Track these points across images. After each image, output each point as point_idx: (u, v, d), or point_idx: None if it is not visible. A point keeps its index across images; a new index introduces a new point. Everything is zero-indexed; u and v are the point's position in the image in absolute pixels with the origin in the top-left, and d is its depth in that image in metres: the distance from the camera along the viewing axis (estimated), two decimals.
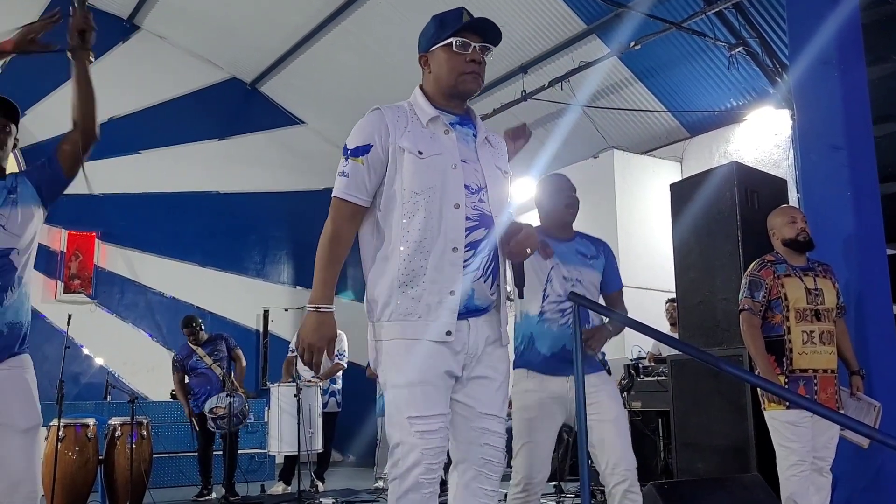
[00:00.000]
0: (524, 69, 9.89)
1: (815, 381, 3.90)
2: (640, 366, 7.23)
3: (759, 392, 4.05)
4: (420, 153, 2.36)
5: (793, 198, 7.35)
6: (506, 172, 2.55)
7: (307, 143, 13.18)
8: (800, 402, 3.63)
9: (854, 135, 5.13)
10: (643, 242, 9.50)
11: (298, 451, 7.01)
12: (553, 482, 7.40)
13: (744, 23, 8.28)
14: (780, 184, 5.90)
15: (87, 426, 7.10)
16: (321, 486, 7.87)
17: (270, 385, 7.88)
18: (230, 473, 7.31)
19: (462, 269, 2.32)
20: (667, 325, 7.71)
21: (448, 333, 2.30)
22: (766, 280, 3.99)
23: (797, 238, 4.06)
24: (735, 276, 5.14)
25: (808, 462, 3.85)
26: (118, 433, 7.17)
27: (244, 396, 7.31)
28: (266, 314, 12.32)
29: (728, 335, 5.17)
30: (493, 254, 2.40)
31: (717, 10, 8.03)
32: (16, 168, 10.62)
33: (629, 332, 8.61)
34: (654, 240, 9.33)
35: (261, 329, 12.30)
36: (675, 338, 5.63)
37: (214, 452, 7.63)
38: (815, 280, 4.02)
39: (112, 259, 11.40)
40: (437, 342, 2.30)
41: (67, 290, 10.88)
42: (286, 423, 7.25)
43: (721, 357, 4.23)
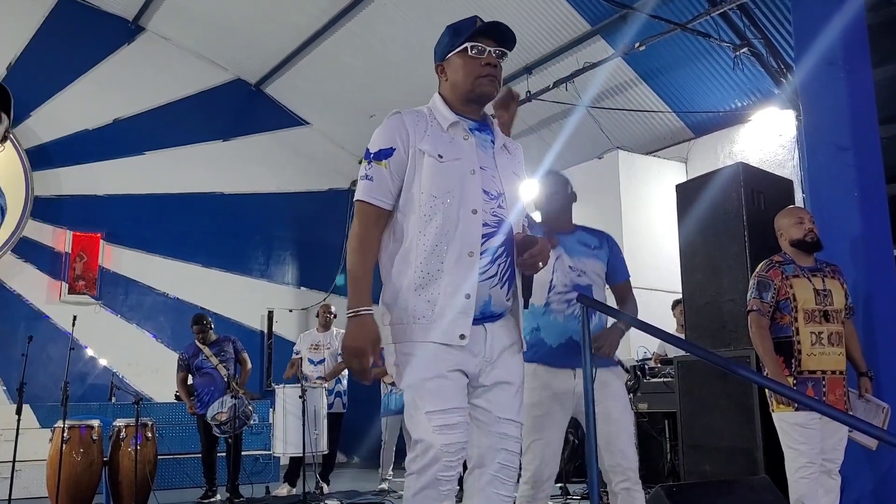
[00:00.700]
0: (529, 70, 9.89)
1: (824, 383, 3.89)
2: (647, 367, 7.21)
3: (767, 393, 4.04)
4: (440, 157, 2.37)
5: (798, 198, 7.34)
6: (521, 178, 2.58)
7: (312, 145, 13.17)
8: (809, 404, 3.62)
9: (860, 135, 5.13)
10: (648, 243, 9.49)
11: (303, 453, 7.02)
12: (559, 483, 7.39)
13: (748, 24, 8.26)
14: (786, 184, 5.89)
15: (92, 428, 7.12)
16: (326, 488, 7.88)
17: (275, 386, 7.88)
18: (234, 475, 7.31)
19: (477, 273, 2.32)
20: (674, 326, 7.68)
21: (462, 337, 2.30)
22: (775, 281, 3.98)
23: (805, 239, 4.05)
24: (742, 277, 5.14)
25: (817, 464, 3.84)
26: (123, 435, 7.18)
27: (245, 398, 7.29)
28: (271, 315, 12.31)
29: (735, 336, 5.16)
30: (510, 260, 2.41)
31: (722, 11, 8.01)
32: (17, 161, 10.44)
33: (635, 333, 8.60)
34: (660, 240, 9.32)
35: (265, 330, 12.29)
36: (683, 339, 5.62)
37: (218, 454, 7.63)
38: (824, 281, 4.01)
39: (117, 260, 11.39)
40: (451, 346, 2.30)
41: (72, 291, 10.88)
42: (291, 425, 7.25)
43: (728, 358, 4.24)
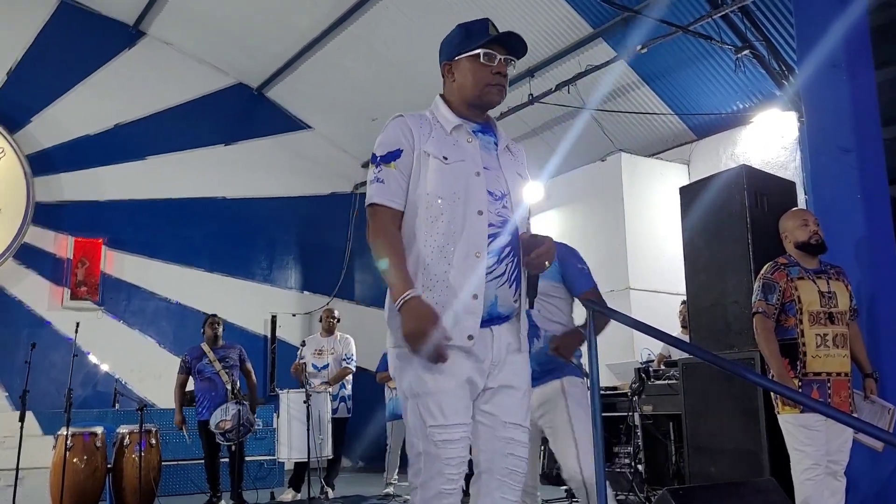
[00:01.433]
0: (531, 73, 9.89)
1: (829, 385, 3.89)
2: (651, 369, 7.20)
3: (773, 395, 4.04)
4: (445, 158, 2.37)
5: (801, 200, 7.34)
6: (525, 179, 2.58)
7: (314, 148, 13.16)
8: (814, 406, 3.61)
9: (863, 137, 5.13)
10: (651, 245, 9.49)
11: (308, 458, 7.01)
12: (564, 487, 7.38)
13: (749, 26, 8.27)
14: (789, 186, 5.89)
15: (96, 434, 7.12)
16: (331, 493, 7.87)
17: (279, 391, 7.87)
18: (238, 482, 7.29)
19: (484, 275, 2.32)
20: (678, 327, 7.68)
21: (470, 338, 2.29)
22: (780, 283, 3.98)
23: (810, 241, 4.05)
24: (746, 279, 5.14)
25: (823, 466, 3.84)
26: (126, 441, 7.18)
27: (248, 405, 7.25)
28: (274, 320, 12.30)
29: (740, 338, 5.15)
30: (517, 260, 2.41)
31: (724, 14, 8.02)
32: (18, 167, 10.48)
33: (639, 335, 8.62)
34: (662, 242, 9.32)
35: (269, 335, 12.27)
36: (687, 341, 5.61)
37: (221, 460, 7.61)
38: (829, 283, 4.01)
39: (119, 265, 11.39)
40: (459, 347, 2.29)
41: (74, 297, 10.88)
42: (295, 430, 7.25)
43: (733, 361, 4.24)
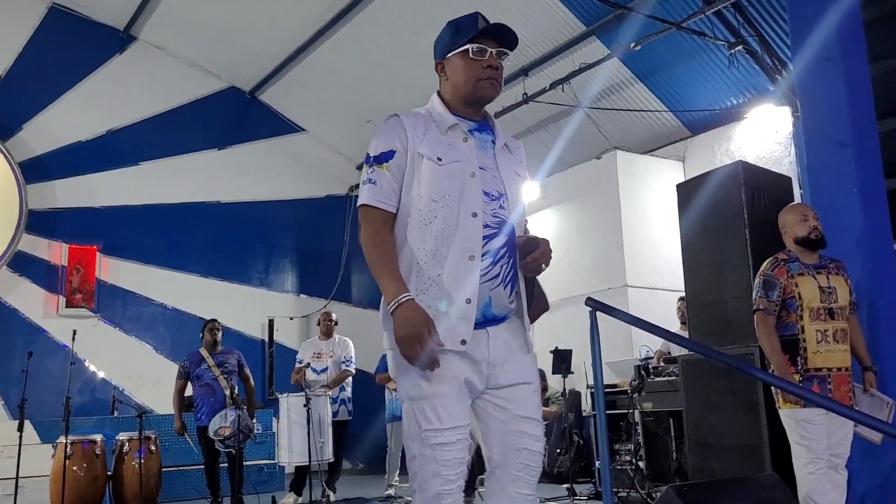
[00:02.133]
0: (525, 72, 9.88)
1: (830, 380, 3.90)
2: (651, 366, 7.21)
3: (774, 390, 4.04)
4: (439, 160, 2.34)
5: (796, 195, 7.35)
6: (523, 178, 2.54)
7: (308, 151, 13.14)
8: (815, 400, 3.63)
9: (859, 131, 5.13)
10: (648, 242, 9.51)
11: (309, 461, 6.99)
12: (565, 485, 7.39)
13: (743, 22, 8.28)
14: (786, 181, 5.90)
15: (95, 442, 7.11)
16: (333, 496, 7.85)
17: (279, 395, 7.86)
18: (238, 487, 7.27)
19: (478, 278, 2.29)
20: (677, 324, 7.69)
21: (463, 342, 2.27)
22: (780, 279, 3.98)
23: (809, 236, 4.06)
24: (745, 275, 5.15)
25: (825, 460, 3.85)
26: (126, 448, 7.16)
27: (246, 411, 7.23)
28: (271, 323, 12.27)
29: (739, 334, 5.16)
30: (512, 262, 2.39)
31: (716, 10, 8.02)
32: (11, 175, 10.51)
33: (637, 332, 8.62)
34: (659, 239, 9.34)
35: (266, 339, 12.25)
36: (688, 338, 5.62)
37: (221, 465, 7.58)
38: (828, 278, 4.01)
39: (114, 272, 11.35)
40: (452, 351, 2.27)
41: (69, 305, 10.84)
42: (296, 433, 7.22)
43: (735, 357, 4.24)
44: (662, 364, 7.30)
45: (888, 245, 5.02)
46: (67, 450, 6.77)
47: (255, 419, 7.36)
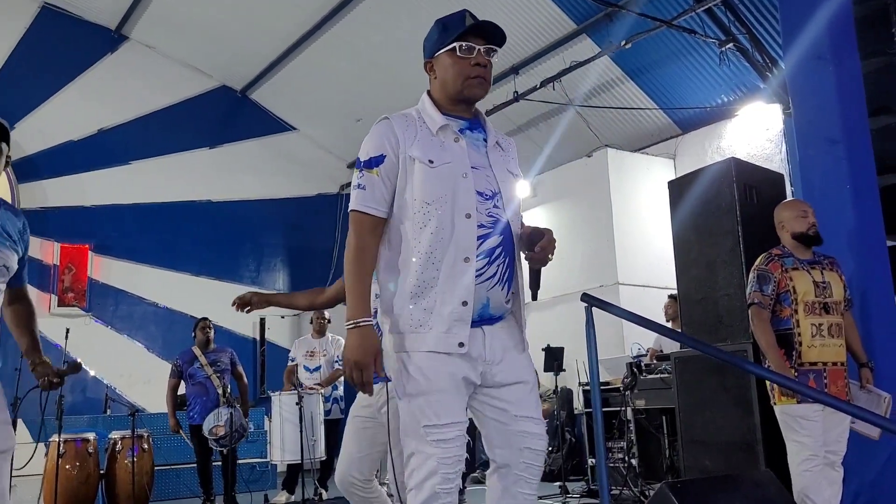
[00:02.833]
0: (515, 70, 9.89)
1: (825, 374, 3.92)
2: (643, 364, 7.23)
3: (769, 386, 4.05)
4: (430, 162, 2.32)
5: (788, 192, 7.38)
6: (516, 175, 2.53)
7: (299, 150, 13.13)
8: (813, 395, 3.63)
9: (850, 128, 5.16)
10: (639, 240, 9.53)
11: (301, 460, 6.99)
12: (557, 482, 7.40)
13: (733, 19, 8.30)
14: (778, 178, 5.91)
15: (88, 441, 7.08)
16: (325, 494, 7.84)
17: (271, 394, 7.84)
18: (230, 485, 7.26)
19: (474, 280, 2.28)
20: (664, 322, 7.71)
21: (461, 345, 2.27)
22: (775, 274, 3.99)
23: (808, 232, 4.07)
24: (737, 272, 5.16)
25: (821, 456, 3.86)
26: (119, 447, 7.14)
27: (241, 410, 7.22)
28: (263, 322, 12.25)
29: (731, 331, 5.17)
30: (508, 261, 2.38)
31: (707, 8, 8.04)
32: (2, 174, 10.46)
33: (629, 330, 8.65)
34: (650, 237, 9.36)
35: (258, 337, 12.24)
36: (689, 336, 5.63)
37: (214, 463, 7.56)
38: (822, 273, 4.03)
39: (106, 271, 11.32)
40: (451, 354, 2.27)
41: (61, 304, 10.80)
42: (288, 432, 7.20)
43: (732, 353, 4.25)
44: (654, 362, 7.32)
45: (880, 241, 5.04)
46: (60, 448, 6.75)
47: (248, 418, 7.34)
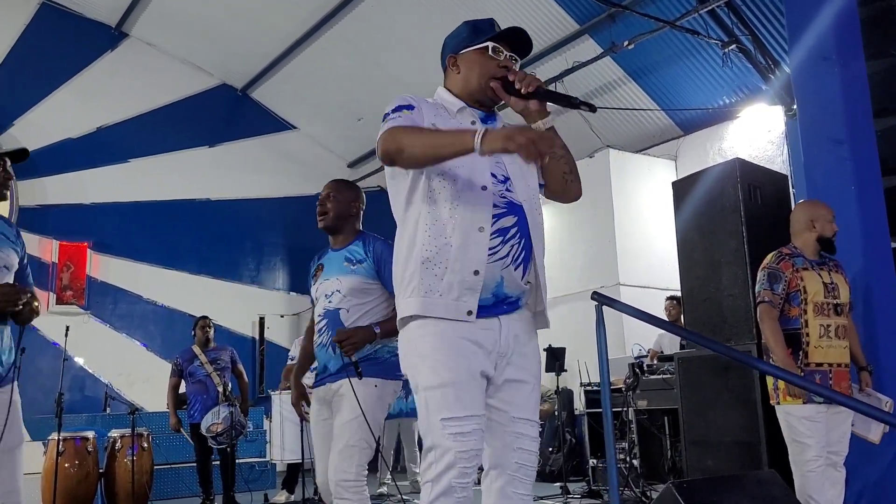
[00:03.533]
0: None
1: (830, 375, 3.91)
2: (645, 364, 7.22)
3: (771, 387, 4.04)
4: None
5: (790, 194, 7.38)
6: (532, 171, 2.52)
7: (300, 149, 13.13)
8: (823, 393, 3.63)
9: (855, 129, 5.15)
10: (641, 241, 9.52)
11: (302, 459, 6.97)
12: (558, 483, 7.39)
13: (736, 21, 8.30)
14: (782, 180, 5.92)
15: (87, 439, 7.05)
16: None
17: (271, 393, 7.82)
18: (229, 485, 7.24)
19: (486, 250, 2.27)
20: None
21: (469, 313, 2.26)
22: (786, 273, 3.97)
23: (832, 237, 4.07)
24: (741, 272, 5.15)
25: (824, 457, 3.85)
26: (118, 445, 7.11)
27: (239, 408, 7.20)
28: (262, 321, 12.24)
29: (735, 331, 5.16)
30: (524, 243, 2.36)
31: (710, 9, 8.05)
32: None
33: (630, 331, 8.64)
34: (652, 238, 9.36)
35: (257, 336, 12.23)
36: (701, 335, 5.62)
37: (214, 462, 7.54)
38: (830, 274, 4.02)
39: (104, 269, 11.31)
40: (458, 321, 2.25)
41: (60, 302, 10.78)
42: (288, 431, 7.20)
43: (743, 352, 4.24)
44: (656, 362, 7.31)
45: (885, 243, 5.03)
46: (59, 447, 6.72)
47: (247, 417, 7.32)
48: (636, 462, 7.02)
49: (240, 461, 7.82)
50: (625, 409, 6.97)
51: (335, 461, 3.32)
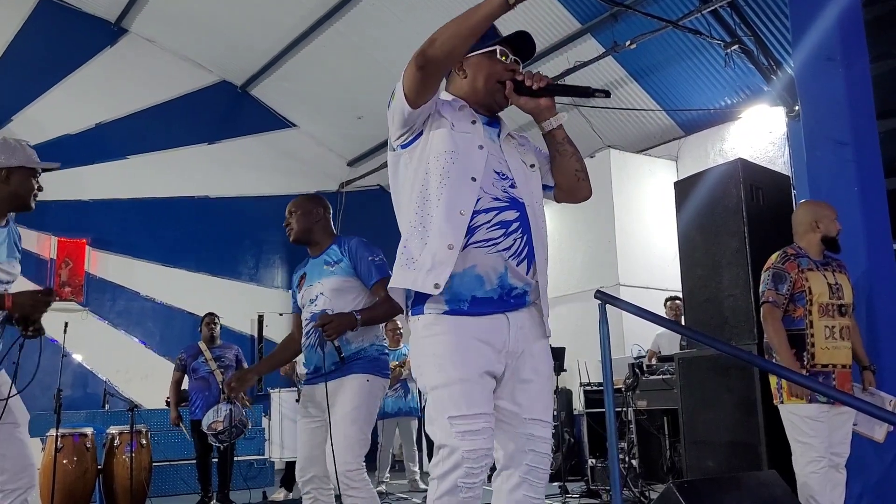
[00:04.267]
0: None
1: (834, 376, 3.90)
2: (644, 365, 7.21)
3: (775, 387, 4.03)
4: (452, 125, 2.38)
5: (792, 195, 7.37)
6: (533, 167, 2.52)
7: (299, 146, 13.11)
8: (827, 392, 3.63)
9: (859, 130, 5.14)
10: (641, 241, 9.53)
11: None
12: (557, 483, 7.38)
13: (739, 21, 8.30)
14: (784, 180, 5.91)
15: (85, 436, 7.02)
16: None
17: (270, 391, 7.81)
18: (225, 483, 7.23)
19: (465, 230, 2.28)
20: None
21: (436, 287, 2.25)
22: (791, 273, 3.96)
23: (837, 237, 4.06)
24: (742, 273, 5.14)
25: (827, 458, 3.85)
26: (117, 442, 7.08)
27: (240, 406, 7.18)
28: (261, 319, 12.22)
29: (736, 332, 5.15)
30: (527, 239, 2.36)
31: (713, 9, 8.04)
32: None
33: (629, 331, 8.63)
34: (652, 238, 9.36)
35: (255, 334, 12.22)
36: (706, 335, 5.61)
37: (213, 460, 7.53)
38: (834, 275, 4.01)
39: (103, 266, 11.28)
40: (462, 315, 2.27)
41: (58, 298, 10.73)
42: (287, 429, 7.19)
43: (750, 352, 4.23)
44: (655, 363, 7.31)
45: (887, 244, 5.03)
46: (58, 443, 6.70)
47: (245, 413, 7.31)
48: (635, 462, 7.01)
49: (238, 459, 7.81)
50: (624, 410, 6.96)
51: (338, 453, 3.40)
